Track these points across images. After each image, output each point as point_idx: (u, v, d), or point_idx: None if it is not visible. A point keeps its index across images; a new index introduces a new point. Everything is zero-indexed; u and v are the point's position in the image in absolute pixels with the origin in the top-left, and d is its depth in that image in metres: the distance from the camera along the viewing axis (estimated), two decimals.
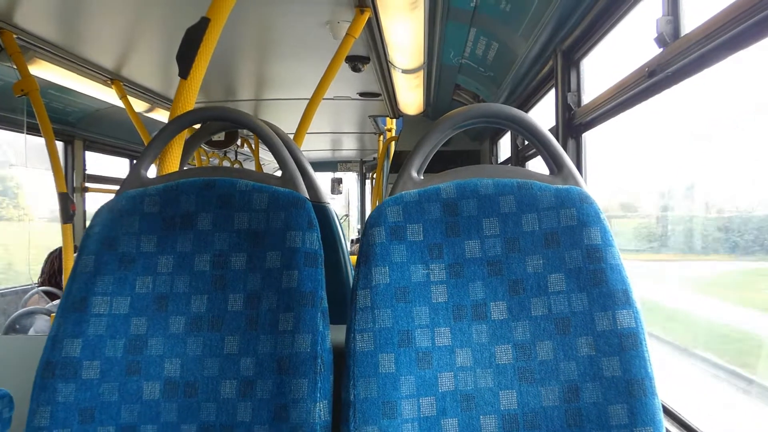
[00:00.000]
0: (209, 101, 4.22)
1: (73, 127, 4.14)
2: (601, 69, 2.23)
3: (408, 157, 1.07)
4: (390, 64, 3.21)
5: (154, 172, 1.20)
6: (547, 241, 0.99)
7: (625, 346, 0.93)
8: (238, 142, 5.33)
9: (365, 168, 8.30)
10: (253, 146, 5.60)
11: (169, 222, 1.05)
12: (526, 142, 3.26)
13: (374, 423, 0.91)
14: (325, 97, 2.50)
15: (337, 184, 8.09)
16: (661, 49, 1.52)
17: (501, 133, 4.65)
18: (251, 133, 1.15)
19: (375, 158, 7.17)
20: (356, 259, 1.01)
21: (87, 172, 4.39)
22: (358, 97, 4.16)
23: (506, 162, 4.23)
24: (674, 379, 2.11)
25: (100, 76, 3.23)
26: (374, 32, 2.67)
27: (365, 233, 1.00)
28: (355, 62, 3.12)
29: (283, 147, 1.16)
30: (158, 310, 1.02)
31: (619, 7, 1.87)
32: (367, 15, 2.34)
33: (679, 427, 1.58)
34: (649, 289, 2.57)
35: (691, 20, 1.43)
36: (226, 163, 6.40)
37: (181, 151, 1.29)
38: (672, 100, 1.65)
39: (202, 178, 1.07)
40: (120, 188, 1.11)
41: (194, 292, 1.03)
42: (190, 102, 1.31)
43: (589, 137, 2.28)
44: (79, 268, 1.02)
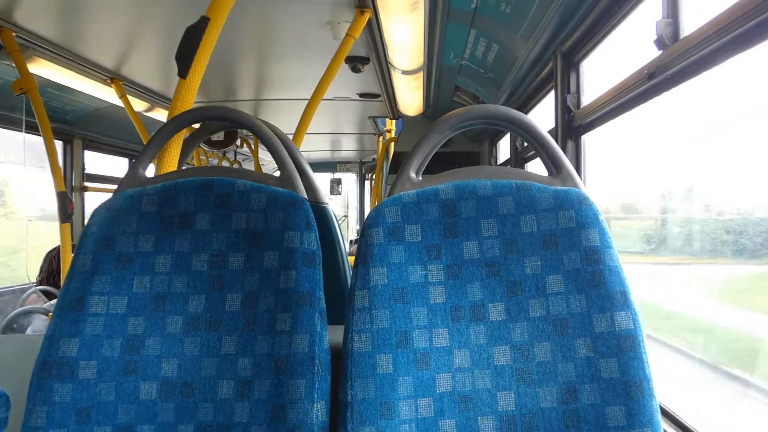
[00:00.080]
0: (208, 101, 4.22)
1: (72, 126, 4.13)
2: (601, 71, 2.23)
3: (407, 158, 1.07)
4: (390, 64, 3.21)
5: (152, 171, 1.20)
6: (545, 243, 0.99)
7: (623, 348, 0.93)
8: (238, 142, 5.33)
9: (364, 169, 8.31)
10: (252, 146, 5.61)
11: (167, 221, 1.05)
12: (526, 144, 3.26)
13: (372, 424, 0.91)
14: (325, 98, 2.50)
15: (336, 184, 8.09)
16: (661, 52, 1.52)
17: (500, 135, 4.65)
18: (250, 133, 1.15)
19: (374, 159, 7.17)
20: (354, 260, 1.01)
21: (86, 172, 4.39)
22: (358, 97, 4.16)
23: (505, 163, 4.23)
24: (718, 407, 1.91)
25: (100, 75, 3.22)
26: (374, 33, 2.67)
27: (363, 234, 1.00)
28: (355, 63, 3.12)
29: (281, 147, 1.16)
30: (156, 310, 1.01)
31: (619, 9, 1.87)
32: (368, 15, 2.34)
33: (677, 428, 1.58)
34: (664, 296, 2.45)
35: (691, 23, 1.44)
36: (225, 163, 6.40)
37: (179, 151, 1.29)
38: (672, 102, 1.65)
39: (200, 178, 1.07)
40: (118, 187, 1.11)
41: (192, 291, 1.02)
42: (189, 101, 1.31)
43: (593, 138, 2.27)
44: (77, 268, 1.02)
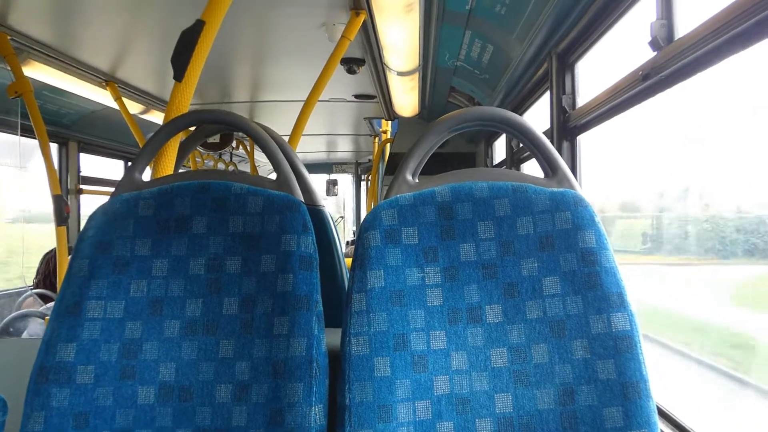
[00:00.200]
0: (204, 103, 4.21)
1: (68, 129, 4.12)
2: (596, 72, 2.24)
3: (403, 160, 1.07)
4: (385, 66, 3.21)
5: (148, 175, 1.20)
6: (541, 244, 0.99)
7: (620, 349, 0.93)
8: (233, 144, 5.33)
9: (360, 170, 8.30)
10: (248, 148, 5.60)
11: (163, 225, 1.04)
12: (521, 144, 3.27)
13: (370, 427, 0.91)
14: (321, 99, 2.50)
15: (332, 186, 8.09)
16: (655, 53, 1.53)
17: (496, 136, 4.65)
18: (246, 135, 1.16)
19: (370, 160, 7.16)
20: (351, 263, 1.01)
21: (81, 174, 4.38)
22: (354, 99, 4.16)
23: (501, 164, 4.23)
24: None
25: (95, 78, 3.22)
26: (369, 34, 2.67)
27: (360, 237, 1.00)
28: (351, 64, 3.12)
29: (277, 150, 1.16)
30: (153, 314, 1.01)
31: (614, 10, 1.88)
32: (363, 17, 2.34)
33: (674, 429, 1.59)
34: (686, 302, 2.25)
35: (685, 24, 1.44)
36: (221, 165, 6.39)
37: (175, 154, 1.29)
38: (671, 102, 1.65)
39: (196, 182, 1.07)
40: (114, 191, 1.11)
41: (189, 295, 1.02)
42: (185, 105, 1.30)
43: (598, 136, 2.25)
44: (73, 272, 1.02)
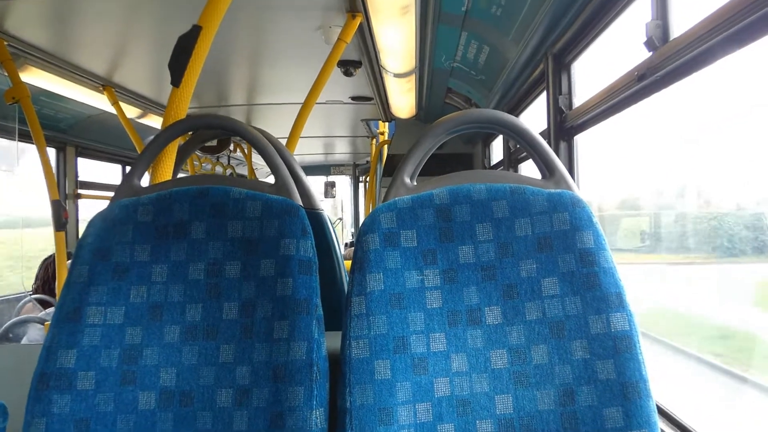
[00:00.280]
0: (202, 106, 4.21)
1: (65, 134, 4.11)
2: (592, 72, 2.24)
3: (401, 163, 1.07)
4: (382, 68, 3.21)
5: (147, 180, 1.20)
6: (540, 246, 0.99)
7: (620, 349, 0.94)
8: (231, 147, 5.33)
9: (358, 171, 8.31)
10: (245, 151, 5.60)
11: (162, 231, 1.05)
12: (519, 145, 3.27)
13: (371, 430, 0.91)
14: (318, 102, 2.50)
15: (330, 187, 8.09)
16: (651, 53, 1.53)
17: (493, 136, 4.66)
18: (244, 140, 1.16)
19: (368, 161, 7.16)
20: (351, 266, 1.02)
21: (79, 179, 4.38)
22: (351, 101, 4.16)
23: (499, 164, 4.24)
24: None
25: (92, 83, 3.21)
26: (366, 37, 2.67)
27: (359, 240, 1.01)
28: (347, 66, 3.13)
29: (275, 154, 1.16)
30: (153, 320, 1.01)
31: (610, 10, 1.89)
32: (359, 20, 2.35)
33: (674, 428, 1.59)
34: (702, 305, 2.14)
35: (680, 24, 1.45)
36: (218, 168, 6.39)
37: (173, 159, 1.29)
38: (672, 103, 1.65)
39: (195, 187, 1.07)
40: (113, 197, 1.11)
41: (189, 300, 1.02)
42: (183, 110, 1.31)
43: (598, 136, 2.24)
44: (73, 278, 1.02)
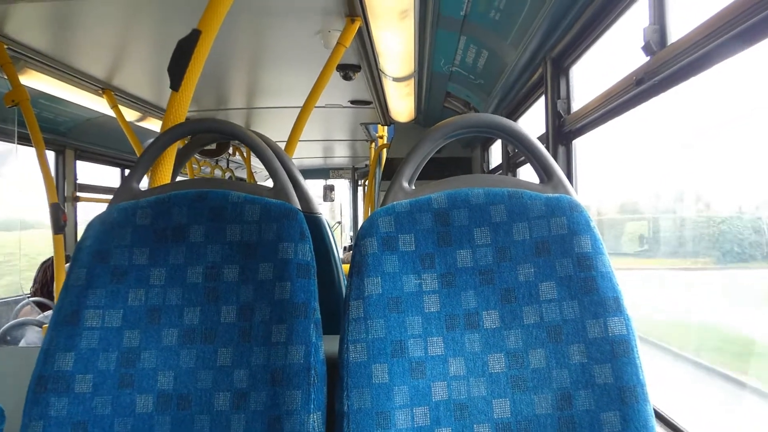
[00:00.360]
0: (201, 110, 4.22)
1: (64, 137, 4.12)
2: (590, 76, 2.25)
3: (399, 167, 1.08)
4: (381, 72, 3.22)
5: (146, 183, 1.20)
6: (538, 250, 1.00)
7: (617, 353, 0.94)
8: (230, 151, 5.33)
9: (357, 175, 8.31)
10: (244, 154, 5.61)
11: (161, 234, 1.05)
12: (517, 149, 3.28)
13: None
14: (317, 105, 2.50)
15: (329, 191, 8.10)
16: (648, 58, 1.54)
17: (492, 140, 4.67)
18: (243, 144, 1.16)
19: (367, 165, 7.16)
20: (349, 269, 1.02)
21: (78, 182, 4.38)
22: (350, 105, 4.16)
23: (497, 169, 4.24)
24: None
25: (91, 86, 3.22)
26: (365, 41, 2.67)
27: (357, 244, 1.01)
28: (346, 70, 3.13)
29: (274, 158, 1.16)
30: (151, 323, 1.01)
31: (608, 15, 1.89)
32: (358, 24, 2.35)
33: None
34: (727, 316, 2.03)
35: (678, 29, 1.45)
36: (217, 172, 6.39)
37: (172, 163, 1.29)
38: (670, 106, 1.65)
39: (193, 190, 1.07)
40: (112, 200, 1.11)
41: (187, 304, 1.02)
42: (182, 114, 1.31)
43: (604, 140, 2.23)
44: (71, 281, 1.02)
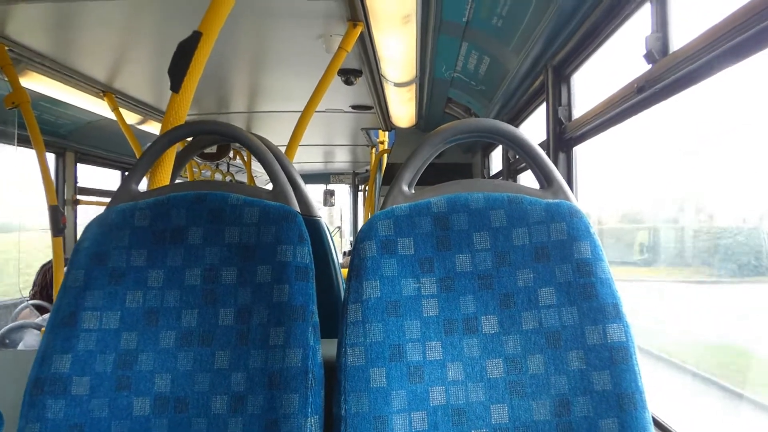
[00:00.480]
0: (201, 113, 4.22)
1: (65, 139, 4.12)
2: (592, 84, 2.25)
3: (399, 171, 1.07)
4: (382, 77, 3.22)
5: (145, 185, 1.20)
6: (537, 255, 0.99)
7: (616, 360, 0.93)
8: (231, 154, 5.33)
9: (358, 180, 8.31)
10: (245, 158, 5.61)
11: (159, 236, 1.04)
12: (518, 155, 3.28)
13: None
14: (318, 110, 2.51)
15: (329, 196, 8.10)
16: (650, 66, 1.54)
17: (493, 146, 4.67)
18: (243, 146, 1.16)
19: (368, 170, 7.17)
20: (347, 273, 1.01)
21: (79, 185, 4.37)
22: (351, 109, 4.16)
23: (498, 175, 4.24)
24: None
25: (92, 89, 3.22)
26: (366, 46, 2.68)
27: (356, 247, 1.00)
28: (348, 75, 3.13)
29: (274, 161, 1.16)
30: (148, 325, 1.01)
31: (609, 23, 1.89)
32: (360, 29, 2.35)
33: None
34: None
35: (680, 37, 1.45)
36: (218, 175, 6.39)
37: (172, 165, 1.29)
38: (672, 115, 1.64)
39: (192, 192, 1.07)
40: (110, 202, 1.11)
41: (185, 306, 1.02)
42: (182, 116, 1.31)
43: (611, 148, 2.22)
44: (69, 283, 1.02)
